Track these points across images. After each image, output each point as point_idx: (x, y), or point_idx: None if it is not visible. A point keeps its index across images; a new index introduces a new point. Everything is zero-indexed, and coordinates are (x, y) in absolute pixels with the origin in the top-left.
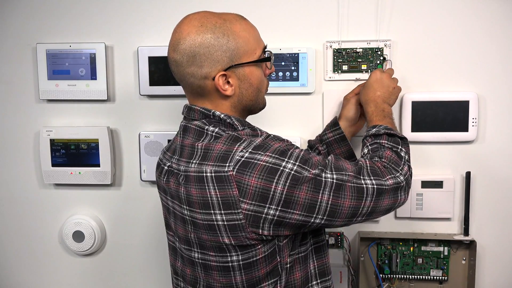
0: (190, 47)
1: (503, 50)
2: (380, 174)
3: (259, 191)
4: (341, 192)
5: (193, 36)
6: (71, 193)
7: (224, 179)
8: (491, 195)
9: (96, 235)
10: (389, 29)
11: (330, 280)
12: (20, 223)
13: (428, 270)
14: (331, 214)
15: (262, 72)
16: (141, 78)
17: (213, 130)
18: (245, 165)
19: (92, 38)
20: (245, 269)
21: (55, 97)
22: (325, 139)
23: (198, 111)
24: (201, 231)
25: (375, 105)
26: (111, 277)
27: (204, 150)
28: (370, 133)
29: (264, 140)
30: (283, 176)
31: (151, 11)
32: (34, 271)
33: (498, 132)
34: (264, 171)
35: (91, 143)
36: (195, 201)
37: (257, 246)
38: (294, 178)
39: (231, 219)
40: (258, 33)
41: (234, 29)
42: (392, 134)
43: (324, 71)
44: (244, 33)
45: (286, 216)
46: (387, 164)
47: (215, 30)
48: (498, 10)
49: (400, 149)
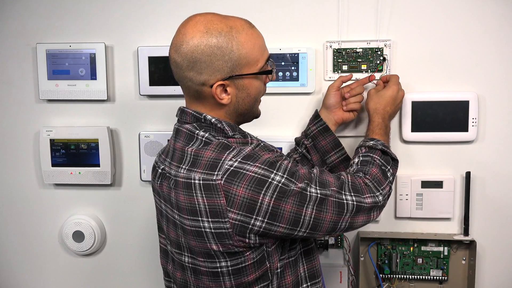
0: (192, 52)
1: (503, 50)
2: (361, 191)
3: (247, 202)
4: (323, 206)
5: (196, 41)
6: (71, 193)
7: (212, 187)
8: (491, 195)
9: (96, 235)
10: (389, 29)
11: (320, 282)
12: (20, 223)
13: (428, 270)
14: (313, 228)
15: (261, 83)
16: (141, 78)
17: (203, 135)
18: (234, 175)
19: (92, 38)
20: (234, 274)
21: (55, 97)
22: (309, 133)
23: (190, 114)
24: (189, 237)
25: (383, 119)
26: (111, 277)
27: (193, 156)
28: (367, 144)
29: (253, 150)
30: (271, 188)
31: (151, 11)
32: (34, 271)
33: (498, 132)
34: (253, 182)
35: (91, 143)
36: (183, 207)
37: (245, 253)
38: (281, 191)
39: (218, 227)
40: (263, 42)
41: (239, 38)
42: (387, 153)
43: (324, 71)
44: (249, 43)
45: (271, 229)
46: (370, 182)
47: (219, 37)
48: (498, 10)
49: (388, 169)
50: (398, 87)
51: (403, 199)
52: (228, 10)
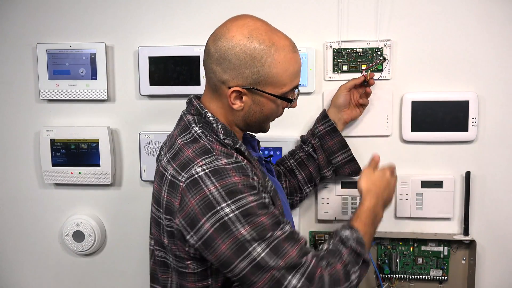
0: (226, 49)
1: (503, 50)
2: (313, 281)
3: (192, 216)
4: (259, 273)
5: (235, 41)
6: (71, 193)
7: (175, 186)
8: (491, 195)
9: (96, 235)
10: (389, 29)
11: None
12: (20, 223)
13: (428, 270)
14: (242, 282)
15: (278, 106)
16: (141, 78)
17: (196, 130)
18: (194, 184)
19: (92, 38)
20: (178, 274)
21: (55, 97)
22: (316, 133)
23: (195, 106)
24: (153, 224)
25: (374, 204)
26: (111, 277)
27: (178, 149)
28: (341, 234)
29: (227, 166)
30: (215, 217)
31: (151, 11)
32: (34, 271)
33: (498, 132)
34: (204, 201)
35: (91, 143)
36: (154, 194)
37: (186, 261)
38: (223, 225)
39: (169, 225)
40: (298, 69)
41: (276, 56)
42: (359, 254)
43: (324, 71)
44: (283, 65)
45: (204, 253)
46: (327, 277)
47: (257, 48)
48: (498, 10)
49: (353, 271)
50: (394, 173)
51: (403, 199)
52: (228, 10)
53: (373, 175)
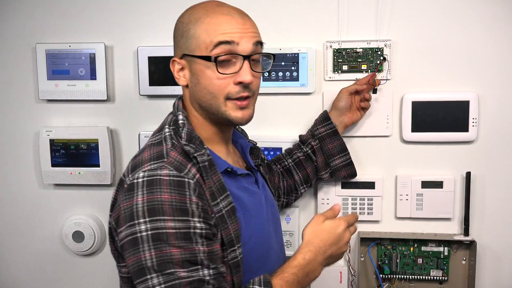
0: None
1: (503, 50)
2: None
3: (118, 219)
4: None
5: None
6: (71, 193)
7: (121, 184)
8: (491, 195)
9: (96, 235)
10: (389, 29)
11: None
12: (20, 223)
13: (428, 270)
14: None
15: (213, 73)
16: (141, 78)
17: (165, 133)
18: (130, 189)
19: (91, 38)
20: (121, 281)
21: (55, 97)
22: (317, 134)
23: (175, 106)
24: None
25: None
26: (111, 277)
27: (142, 149)
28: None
29: (166, 178)
30: (130, 230)
31: (151, 11)
32: (34, 271)
33: (498, 132)
34: (129, 210)
35: (91, 143)
36: None
37: (120, 262)
38: (134, 240)
39: (109, 221)
40: (230, 23)
41: (199, 15)
42: None
43: (324, 71)
44: (205, 19)
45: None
46: None
47: (186, 14)
48: (497, 10)
49: None
50: (347, 225)
51: (403, 199)
52: None
53: (321, 225)
